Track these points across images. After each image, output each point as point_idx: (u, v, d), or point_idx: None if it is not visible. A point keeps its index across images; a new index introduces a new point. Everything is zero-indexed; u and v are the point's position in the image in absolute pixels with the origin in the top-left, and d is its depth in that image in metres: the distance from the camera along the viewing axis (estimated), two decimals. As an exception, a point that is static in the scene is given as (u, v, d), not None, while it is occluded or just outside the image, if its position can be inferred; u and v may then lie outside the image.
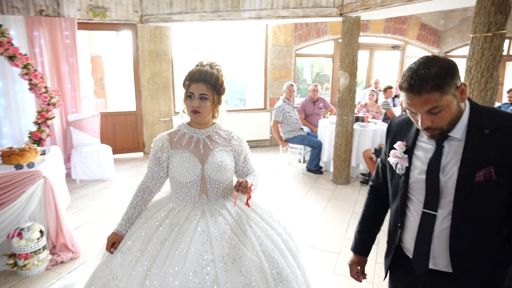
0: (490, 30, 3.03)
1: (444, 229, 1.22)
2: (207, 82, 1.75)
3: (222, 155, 1.83)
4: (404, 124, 1.38)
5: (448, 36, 8.72)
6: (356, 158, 5.33)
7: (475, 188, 1.15)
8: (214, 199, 1.84)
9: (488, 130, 1.15)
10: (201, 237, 1.66)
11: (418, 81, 1.10)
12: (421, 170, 1.27)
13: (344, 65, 4.85)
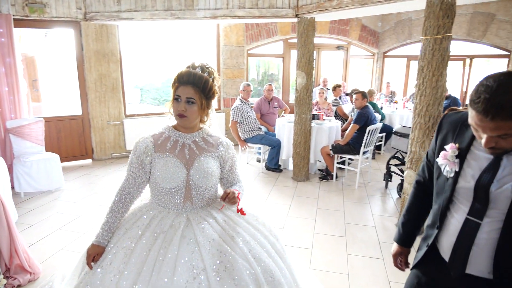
0: (439, 33, 3.31)
1: (488, 238, 1.21)
2: (196, 85, 1.67)
3: (208, 161, 1.77)
4: (459, 124, 1.33)
5: (386, 37, 9.38)
6: (314, 155, 5.50)
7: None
8: (198, 206, 1.78)
9: None
10: (189, 246, 1.60)
11: (495, 107, 1.01)
12: (471, 177, 1.24)
13: (301, 65, 4.98)
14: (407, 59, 9.30)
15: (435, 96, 3.46)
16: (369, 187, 5.20)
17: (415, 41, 8.85)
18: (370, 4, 3.81)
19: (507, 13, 7.13)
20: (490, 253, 1.21)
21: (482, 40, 7.55)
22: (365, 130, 4.96)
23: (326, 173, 5.53)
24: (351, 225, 3.98)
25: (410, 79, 9.40)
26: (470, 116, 1.12)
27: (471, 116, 1.11)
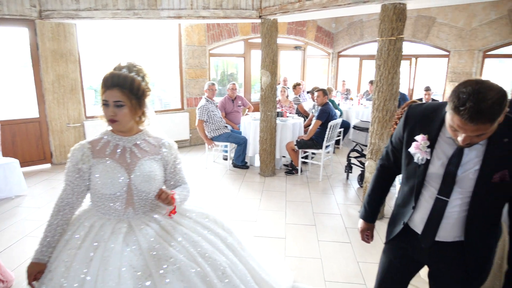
0: (393, 34, 3.64)
1: (454, 211, 1.44)
2: (122, 87, 1.59)
3: (151, 164, 1.71)
4: (425, 116, 1.49)
5: (340, 38, 9.89)
6: (280, 151, 5.72)
7: (491, 186, 1.35)
8: (141, 212, 1.71)
9: (508, 139, 1.32)
10: (132, 253, 1.55)
11: (478, 114, 1.17)
12: (441, 164, 1.43)
13: (265, 64, 5.17)
14: (360, 58, 9.87)
15: (391, 92, 3.80)
16: (332, 179, 5.52)
17: (366, 41, 9.43)
18: (330, 7, 4.08)
19: (446, 17, 7.85)
20: (457, 222, 1.46)
21: (425, 41, 8.25)
22: (327, 126, 5.26)
23: (291, 168, 5.77)
24: (319, 214, 4.23)
25: (363, 77, 9.99)
26: (451, 119, 1.27)
27: (453, 119, 1.26)
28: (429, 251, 1.55)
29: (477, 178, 1.36)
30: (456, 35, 7.76)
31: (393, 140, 1.69)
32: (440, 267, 1.57)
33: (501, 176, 1.33)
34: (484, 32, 7.41)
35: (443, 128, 1.43)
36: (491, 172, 1.34)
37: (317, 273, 3.03)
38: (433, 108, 1.51)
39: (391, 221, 1.73)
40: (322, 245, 3.50)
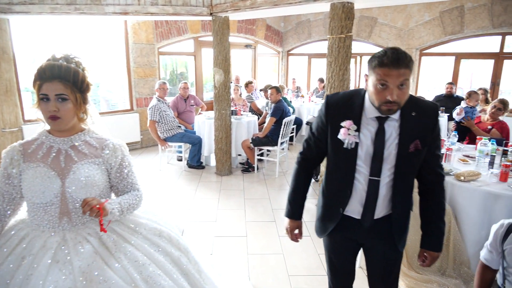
0: (342, 32, 3.78)
1: (385, 189, 1.57)
2: (64, 79, 1.43)
3: (89, 168, 1.52)
4: (345, 103, 1.58)
5: (289, 37, 10.09)
6: (235, 149, 5.69)
7: (408, 156, 1.52)
8: (80, 223, 1.52)
9: (415, 113, 1.51)
10: (61, 272, 1.36)
11: (398, 57, 1.35)
12: (368, 146, 1.53)
13: (218, 62, 5.11)
14: (308, 57, 10.15)
15: (343, 87, 3.93)
16: (288, 175, 5.61)
17: (314, 40, 9.72)
18: (282, 5, 4.13)
19: (386, 17, 8.33)
20: (386, 198, 1.59)
21: (368, 40, 8.69)
22: (281, 122, 5.33)
23: (248, 166, 5.78)
24: (278, 210, 4.28)
25: (312, 75, 10.28)
26: (377, 76, 1.39)
27: (379, 74, 1.39)
28: (367, 230, 1.65)
29: (397, 151, 1.51)
30: (396, 34, 8.27)
31: (315, 131, 1.70)
32: (374, 242, 1.71)
33: (415, 145, 1.50)
34: (419, 32, 7.98)
35: (364, 111, 1.54)
36: (407, 143, 1.50)
37: (280, 268, 3.06)
38: (350, 94, 1.62)
39: (323, 215, 1.76)
40: (283, 241, 3.54)
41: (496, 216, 2.65)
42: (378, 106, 1.45)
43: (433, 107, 1.57)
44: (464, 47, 7.80)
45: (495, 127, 4.19)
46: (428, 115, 1.53)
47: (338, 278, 1.89)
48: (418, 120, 1.51)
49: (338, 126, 1.55)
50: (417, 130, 1.51)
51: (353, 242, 1.76)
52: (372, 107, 1.52)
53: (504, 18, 6.94)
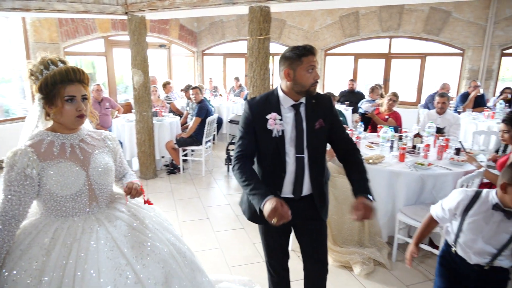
0: (261, 34, 4.03)
1: (307, 163, 1.86)
2: (82, 81, 1.61)
3: (103, 157, 1.73)
4: (263, 102, 1.87)
5: (203, 37, 10.14)
6: (159, 151, 5.60)
7: (315, 132, 1.85)
8: (104, 205, 1.73)
9: (315, 100, 1.87)
10: (106, 246, 1.56)
11: (312, 48, 1.78)
12: (291, 130, 1.84)
13: (136, 63, 4.97)
14: (223, 56, 10.35)
15: (264, 86, 4.20)
16: (214, 173, 5.72)
17: (228, 40, 9.95)
18: (201, 6, 4.21)
19: (294, 20, 8.97)
20: (307, 175, 1.88)
21: (279, 41, 9.25)
22: (205, 122, 5.41)
23: (173, 167, 5.73)
24: (209, 207, 4.38)
25: (227, 74, 10.51)
26: (305, 65, 1.74)
27: (305, 62, 1.74)
28: (296, 208, 1.87)
29: (307, 128, 1.85)
30: (303, 36, 8.96)
31: (245, 128, 1.90)
32: (304, 220, 1.97)
33: (319, 123, 1.85)
34: (324, 34, 8.78)
35: (281, 104, 1.85)
36: (313, 122, 1.84)
37: (220, 261, 3.18)
38: (265, 95, 1.93)
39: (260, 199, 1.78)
40: (219, 235, 3.66)
41: (398, 190, 3.17)
42: (308, 88, 1.78)
43: (327, 95, 1.99)
44: (361, 48, 8.82)
45: (391, 117, 4.91)
46: (324, 101, 1.92)
47: (276, 259, 2.12)
48: (317, 105, 1.88)
49: (264, 120, 1.82)
50: (318, 111, 1.87)
51: (286, 224, 1.92)
52: (287, 98, 1.84)
53: (390, 23, 8.06)
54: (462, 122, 5.58)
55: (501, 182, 1.60)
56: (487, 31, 7.23)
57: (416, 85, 8.40)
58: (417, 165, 3.20)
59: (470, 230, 1.70)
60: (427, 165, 3.19)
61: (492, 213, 1.63)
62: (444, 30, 7.63)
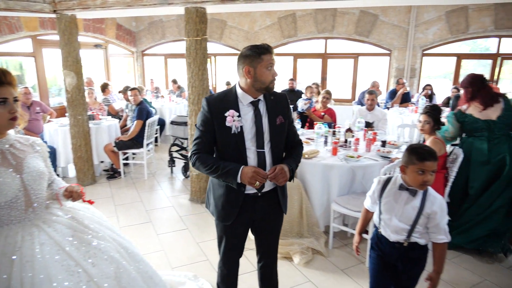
0: (198, 35, 4.05)
1: (269, 157, 1.93)
2: (12, 83, 1.60)
3: (36, 161, 1.71)
4: (221, 99, 1.89)
5: (142, 37, 9.86)
6: (97, 156, 5.38)
7: (277, 128, 1.93)
8: (40, 210, 1.70)
9: (273, 97, 1.96)
10: (52, 250, 1.56)
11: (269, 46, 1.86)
12: (251, 126, 1.88)
13: (68, 64, 4.72)
14: (164, 57, 10.15)
15: (203, 87, 4.23)
16: (157, 175, 5.63)
17: (169, 40, 9.78)
18: (135, 6, 4.12)
19: (234, 21, 9.07)
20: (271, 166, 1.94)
21: (220, 41, 9.30)
22: (145, 124, 5.30)
23: (113, 172, 5.54)
24: (152, 210, 4.31)
25: (169, 75, 10.33)
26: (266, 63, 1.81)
27: (268, 59, 1.81)
28: (261, 205, 1.99)
29: (269, 125, 1.92)
30: (244, 37, 9.09)
31: (203, 127, 1.91)
32: (265, 214, 2.03)
33: (279, 119, 1.95)
34: (264, 35, 8.99)
35: (239, 102, 1.88)
36: (274, 118, 1.93)
37: (164, 263, 3.16)
38: (224, 93, 1.96)
39: (226, 202, 1.97)
40: (162, 238, 3.63)
41: (332, 181, 3.39)
42: (268, 85, 1.86)
43: (283, 93, 2.08)
44: (299, 48, 9.17)
45: (327, 113, 5.20)
46: (281, 99, 2.02)
47: (233, 255, 2.16)
48: (276, 102, 1.97)
49: (223, 117, 1.85)
50: (277, 108, 1.96)
51: (248, 221, 2.05)
52: (246, 95, 1.89)
53: (325, 25, 8.48)
54: (390, 117, 6.08)
55: (400, 165, 1.86)
56: (409, 33, 7.93)
57: (351, 83, 8.94)
58: (348, 157, 3.44)
59: (385, 211, 1.92)
60: (357, 157, 3.45)
61: (400, 193, 1.86)
62: (373, 32, 8.21)
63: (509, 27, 7.41)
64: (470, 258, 3.23)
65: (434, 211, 1.80)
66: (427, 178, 1.76)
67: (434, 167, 1.77)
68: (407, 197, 1.84)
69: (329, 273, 3.00)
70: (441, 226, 1.82)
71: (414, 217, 1.83)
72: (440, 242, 1.84)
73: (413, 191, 1.83)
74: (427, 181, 1.77)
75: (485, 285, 2.83)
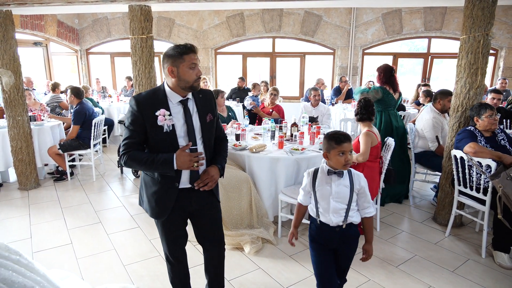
0: (144, 33, 4.05)
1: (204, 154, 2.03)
2: None
3: None
4: (150, 98, 1.92)
5: (86, 35, 9.47)
6: (41, 158, 5.15)
7: (207, 125, 2.03)
8: None
9: (201, 95, 2.05)
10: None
11: (193, 46, 1.90)
12: (182, 124, 1.94)
13: (4, 63, 4.48)
14: (111, 55, 9.83)
15: (150, 84, 4.23)
16: (106, 176, 5.50)
17: (115, 39, 9.50)
18: (76, 3, 4.02)
19: (182, 19, 9.03)
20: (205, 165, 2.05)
21: (169, 39, 9.20)
22: (90, 124, 5.13)
23: (59, 174, 5.33)
24: (101, 211, 4.24)
25: (117, 74, 10.02)
26: (188, 62, 1.85)
27: (189, 59, 1.86)
28: (196, 197, 2.08)
29: (200, 123, 2.00)
30: (193, 35, 9.09)
31: (132, 126, 1.92)
32: (200, 206, 2.11)
33: (209, 117, 2.04)
34: (212, 34, 9.05)
35: (169, 100, 1.92)
36: (204, 116, 2.01)
37: (115, 262, 3.15)
38: (152, 91, 1.97)
39: (159, 198, 2.01)
40: (113, 237, 3.60)
41: (279, 173, 3.58)
42: (192, 84, 1.91)
43: (209, 91, 2.16)
44: (248, 47, 9.35)
45: (274, 110, 5.42)
46: (209, 97, 2.10)
47: (178, 249, 2.20)
48: (204, 100, 2.06)
49: (153, 116, 1.88)
50: (206, 106, 2.05)
51: (185, 213, 2.13)
52: (174, 94, 1.93)
53: (272, 25, 8.74)
54: (335, 112, 6.46)
55: (323, 153, 2.09)
56: (350, 33, 8.42)
57: (298, 81, 9.29)
58: (293, 150, 3.66)
59: (321, 197, 2.10)
60: (301, 150, 3.68)
61: (330, 178, 2.07)
62: (317, 32, 8.61)
63: (437, 29, 8.16)
64: (403, 237, 3.59)
65: (362, 186, 2.05)
66: (347, 157, 1.99)
67: (351, 147, 2.02)
68: (337, 179, 2.05)
69: (278, 260, 3.18)
70: (368, 199, 2.08)
71: (348, 195, 2.04)
72: (370, 215, 2.10)
73: (340, 173, 2.04)
74: (348, 160, 1.99)
75: (415, 259, 3.18)
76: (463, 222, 3.83)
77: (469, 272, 2.98)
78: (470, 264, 3.10)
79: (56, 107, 6.80)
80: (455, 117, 3.61)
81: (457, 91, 3.56)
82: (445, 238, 3.54)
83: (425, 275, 2.92)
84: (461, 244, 3.43)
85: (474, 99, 3.47)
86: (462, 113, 3.55)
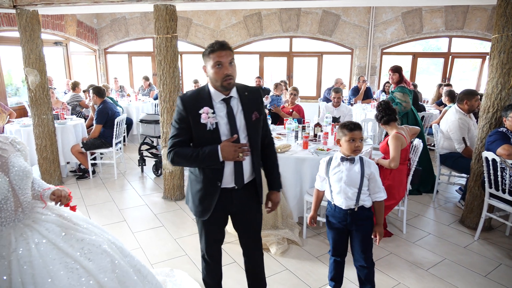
0: (168, 32, 4.07)
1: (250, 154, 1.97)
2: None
3: (20, 160, 1.69)
4: (195, 97, 1.92)
5: (104, 34, 9.57)
6: (64, 157, 5.22)
7: (253, 123, 1.97)
8: (28, 210, 1.68)
9: (247, 93, 2.00)
10: (47, 249, 1.57)
11: (224, 44, 1.84)
12: (225, 122, 1.90)
13: (30, 62, 4.55)
14: (128, 55, 9.92)
15: (174, 84, 4.24)
16: (127, 175, 5.55)
17: (133, 38, 9.58)
18: (103, 3, 4.06)
19: (200, 19, 9.05)
20: (248, 163, 2.00)
21: (186, 39, 9.24)
22: (113, 123, 5.18)
23: (82, 172, 5.40)
24: (125, 209, 4.27)
25: (134, 73, 10.11)
26: (213, 61, 1.82)
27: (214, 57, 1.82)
28: (238, 198, 2.05)
29: (245, 121, 1.95)
30: (210, 35, 9.11)
31: (178, 124, 1.95)
32: (242, 207, 2.08)
33: (255, 115, 1.98)
34: (229, 33, 9.05)
35: (212, 99, 1.91)
36: (250, 114, 1.96)
37: (142, 261, 3.14)
38: (197, 91, 1.97)
39: (203, 197, 2.00)
40: (138, 236, 3.63)
41: (304, 174, 3.55)
42: (221, 83, 1.85)
43: (257, 88, 2.13)
44: (265, 47, 9.33)
45: (294, 110, 5.38)
46: (256, 94, 2.06)
47: (215, 248, 2.21)
48: (250, 97, 2.00)
49: (197, 114, 1.88)
50: (252, 104, 1.99)
51: (226, 212, 2.12)
52: (218, 93, 1.91)
53: (289, 24, 8.70)
54: (355, 112, 6.39)
55: (336, 140, 2.33)
56: (369, 33, 8.33)
57: (316, 80, 9.23)
58: (318, 150, 3.62)
59: (335, 182, 2.30)
60: (326, 150, 3.64)
61: (343, 164, 2.27)
62: (335, 31, 8.54)
63: (459, 28, 8.02)
64: (430, 240, 3.53)
65: (372, 172, 2.24)
66: (357, 144, 2.19)
67: (361, 135, 2.21)
68: (349, 165, 2.25)
69: (304, 261, 3.15)
70: (379, 184, 2.26)
71: (359, 180, 2.22)
72: (380, 200, 2.28)
73: (352, 159, 2.24)
74: (358, 146, 2.19)
75: (445, 263, 3.12)
76: (492, 226, 3.74)
77: (502, 277, 2.90)
78: (503, 269, 3.02)
79: (76, 106, 6.90)
80: (485, 118, 3.53)
81: (488, 92, 3.48)
82: (474, 242, 3.46)
83: (456, 279, 2.86)
84: (491, 248, 3.35)
85: (506, 99, 3.39)
86: (493, 114, 3.46)
